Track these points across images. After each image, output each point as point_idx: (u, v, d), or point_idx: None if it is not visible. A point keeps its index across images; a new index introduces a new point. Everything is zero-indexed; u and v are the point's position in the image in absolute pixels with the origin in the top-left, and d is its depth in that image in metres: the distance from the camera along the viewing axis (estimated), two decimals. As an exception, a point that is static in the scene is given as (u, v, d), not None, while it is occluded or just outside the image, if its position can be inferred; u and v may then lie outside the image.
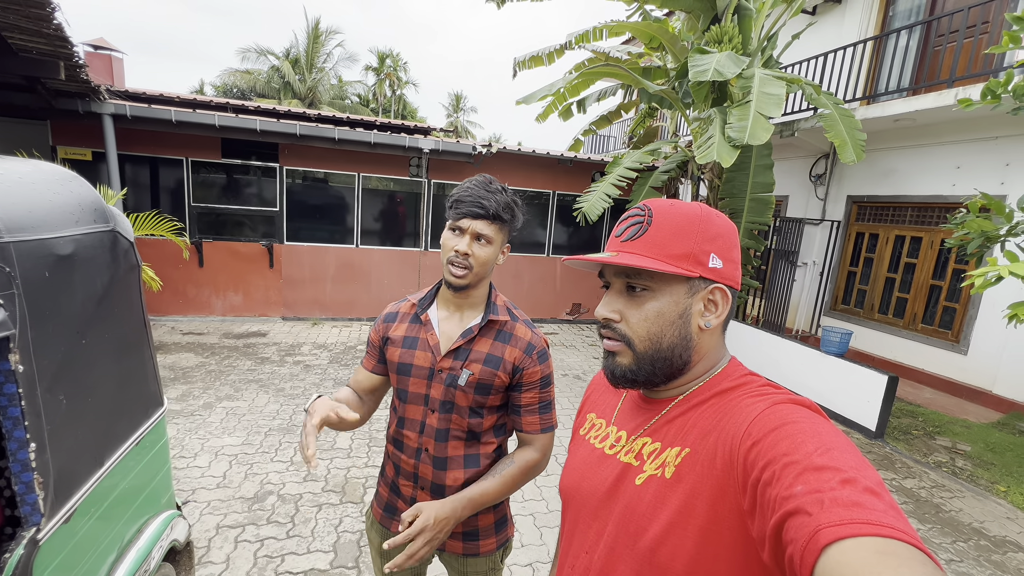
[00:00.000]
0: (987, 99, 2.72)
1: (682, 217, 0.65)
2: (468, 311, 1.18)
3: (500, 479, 1.12)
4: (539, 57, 6.09)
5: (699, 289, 0.64)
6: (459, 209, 1.08)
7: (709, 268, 0.64)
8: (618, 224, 0.69)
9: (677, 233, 0.64)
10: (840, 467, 0.44)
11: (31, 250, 0.96)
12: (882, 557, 0.37)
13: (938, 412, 4.86)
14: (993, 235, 2.93)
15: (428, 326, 1.17)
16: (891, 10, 6.58)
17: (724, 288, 0.65)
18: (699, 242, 0.64)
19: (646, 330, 0.64)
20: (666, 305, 0.64)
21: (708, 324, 0.65)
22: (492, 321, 1.16)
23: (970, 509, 3.23)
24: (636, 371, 0.66)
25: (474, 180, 1.11)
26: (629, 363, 0.66)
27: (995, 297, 4.75)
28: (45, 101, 4.83)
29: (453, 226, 1.10)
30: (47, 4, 3.17)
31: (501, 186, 1.13)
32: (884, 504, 0.41)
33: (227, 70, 21.24)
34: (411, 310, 1.21)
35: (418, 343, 1.16)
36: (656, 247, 0.64)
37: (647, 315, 0.64)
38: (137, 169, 5.92)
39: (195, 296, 6.31)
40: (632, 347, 0.66)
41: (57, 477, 1.04)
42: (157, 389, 1.56)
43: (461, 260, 1.08)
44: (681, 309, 0.64)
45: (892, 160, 6.08)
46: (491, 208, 1.07)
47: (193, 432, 3.41)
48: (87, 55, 6.62)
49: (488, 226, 1.08)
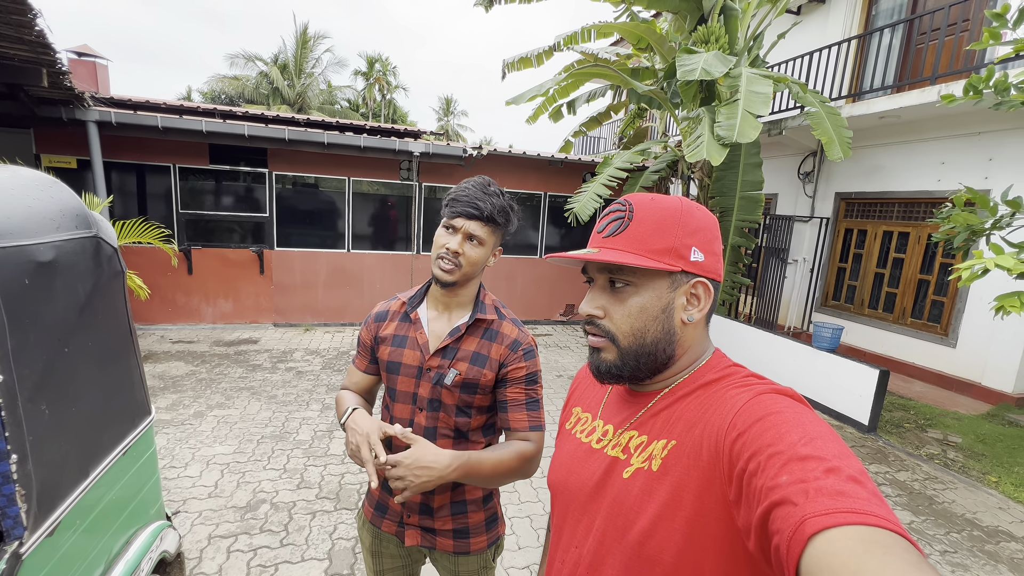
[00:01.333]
0: (969, 95, 2.76)
1: (663, 211, 0.64)
2: (457, 310, 1.18)
3: (495, 457, 1.08)
4: (528, 59, 6.11)
5: (681, 283, 0.64)
6: (454, 208, 1.09)
7: (691, 262, 0.64)
8: (600, 219, 0.69)
9: (658, 228, 0.64)
10: (824, 456, 0.45)
11: (9, 256, 0.94)
12: (868, 545, 0.37)
13: (929, 405, 4.91)
14: (979, 229, 2.96)
15: (417, 324, 1.17)
16: (874, 9, 6.67)
17: (706, 281, 0.65)
18: (680, 236, 0.64)
19: (629, 325, 0.65)
20: (649, 300, 0.64)
21: (691, 318, 0.65)
22: (480, 320, 1.16)
23: (963, 500, 3.26)
24: (621, 367, 0.66)
25: (473, 180, 1.12)
26: (614, 359, 0.66)
27: (982, 290, 4.82)
28: (28, 109, 4.76)
29: (447, 224, 1.10)
30: (28, 10, 3.13)
31: (499, 189, 1.13)
32: (867, 492, 0.42)
33: (215, 76, 21.08)
34: (401, 308, 1.22)
35: (407, 341, 1.17)
36: (637, 242, 0.64)
37: (630, 311, 0.65)
38: (124, 176, 5.84)
39: (184, 304, 6.24)
40: (616, 343, 0.66)
41: (40, 489, 1.01)
42: (144, 398, 1.54)
43: (451, 258, 1.08)
44: (664, 303, 0.64)
45: (878, 157, 6.16)
46: (486, 210, 1.07)
47: (184, 441, 3.36)
48: (71, 62, 6.55)
49: (481, 228, 1.09)
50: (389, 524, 1.22)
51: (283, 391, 4.36)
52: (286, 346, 5.76)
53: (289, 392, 4.35)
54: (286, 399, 4.19)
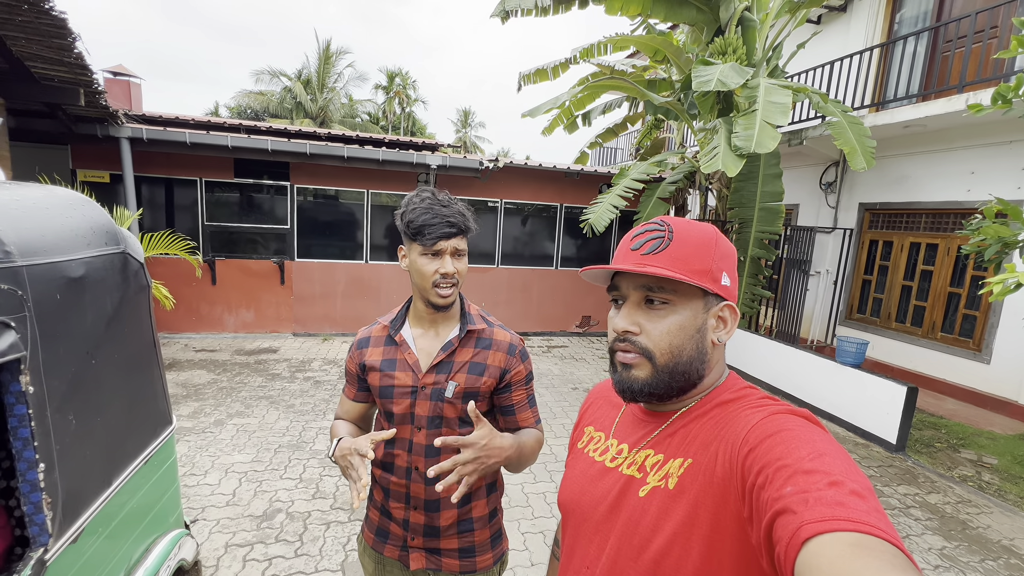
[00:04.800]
0: (998, 104, 2.68)
1: (701, 234, 0.67)
2: (443, 325, 1.18)
3: (526, 440, 1.13)
4: (544, 71, 6.17)
5: (713, 305, 0.66)
6: (431, 234, 1.06)
7: (722, 285, 0.66)
8: (633, 238, 0.69)
9: (698, 249, 0.65)
10: (829, 471, 0.46)
11: (43, 273, 0.98)
12: (856, 549, 0.38)
13: (962, 424, 4.70)
14: (1011, 241, 2.85)
15: (404, 346, 1.17)
16: (897, 17, 6.56)
17: (733, 305, 0.68)
18: (715, 259, 0.66)
19: (668, 343, 0.64)
20: (687, 319, 0.65)
21: (721, 339, 0.67)
22: (471, 331, 1.17)
23: (999, 525, 3.11)
24: (655, 384, 0.65)
25: (423, 200, 1.09)
26: (647, 376, 0.66)
27: (1017, 304, 4.62)
28: (65, 126, 5.00)
29: (428, 252, 1.08)
30: (68, 34, 3.30)
31: (448, 196, 1.13)
32: (867, 506, 0.43)
33: (241, 92, 21.81)
34: (383, 332, 1.20)
35: (396, 364, 1.16)
36: (680, 261, 0.64)
37: (669, 328, 0.65)
38: (153, 190, 6.07)
39: (208, 313, 6.40)
40: (652, 360, 0.65)
41: (65, 497, 1.05)
42: (166, 408, 1.58)
43: (449, 281, 1.09)
44: (699, 323, 0.65)
45: (904, 166, 6.01)
46: (459, 222, 1.09)
47: (204, 449, 3.43)
48: (106, 81, 6.85)
49: (462, 240, 1.11)
50: (392, 549, 1.20)
51: (301, 400, 4.42)
52: (304, 355, 5.85)
53: (307, 401, 4.40)
54: (303, 408, 4.25)
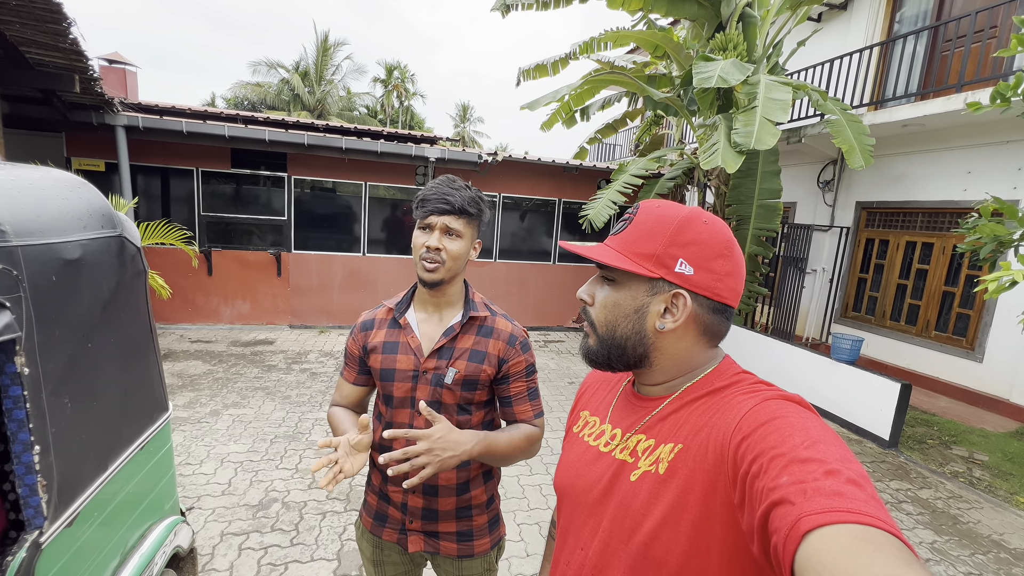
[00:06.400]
0: (996, 103, 2.69)
1: (658, 219, 0.66)
2: (447, 310, 1.18)
3: (508, 437, 1.13)
4: (544, 67, 6.14)
5: (662, 291, 0.65)
6: (425, 207, 1.10)
7: (675, 272, 0.64)
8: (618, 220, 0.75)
9: (648, 234, 0.66)
10: (825, 459, 0.46)
11: (38, 254, 0.97)
12: (859, 543, 0.38)
13: (954, 421, 4.75)
14: (1006, 240, 2.87)
15: (408, 329, 1.17)
16: (897, 16, 6.56)
17: (684, 294, 0.64)
18: (666, 246, 0.65)
19: (604, 317, 0.69)
20: (623, 298, 0.67)
21: (662, 326, 0.65)
22: (473, 317, 1.17)
23: (989, 520, 3.14)
24: (597, 352, 0.70)
25: (438, 180, 1.13)
26: (593, 344, 0.71)
27: (1010, 303, 4.66)
28: (60, 114, 4.94)
29: (422, 224, 1.12)
30: (63, 19, 3.26)
31: (465, 183, 1.14)
32: (865, 495, 0.42)
33: (238, 83, 21.66)
34: (388, 315, 1.21)
35: (399, 347, 1.16)
36: (628, 244, 0.67)
37: (605, 302, 0.69)
38: (149, 179, 6.02)
39: (204, 304, 6.37)
40: (595, 330, 0.70)
41: (61, 481, 1.04)
42: (162, 394, 1.57)
43: (432, 255, 1.09)
44: (637, 305, 0.66)
45: (901, 165, 6.03)
46: (457, 203, 1.09)
47: (199, 439, 3.42)
48: (102, 69, 6.77)
49: (456, 220, 1.10)
50: (390, 532, 1.20)
51: (297, 392, 4.42)
52: (301, 347, 5.83)
53: (303, 393, 4.40)
54: (300, 399, 4.24)
